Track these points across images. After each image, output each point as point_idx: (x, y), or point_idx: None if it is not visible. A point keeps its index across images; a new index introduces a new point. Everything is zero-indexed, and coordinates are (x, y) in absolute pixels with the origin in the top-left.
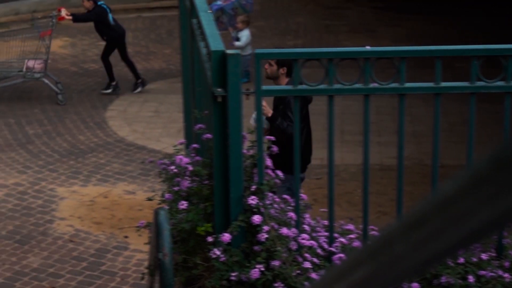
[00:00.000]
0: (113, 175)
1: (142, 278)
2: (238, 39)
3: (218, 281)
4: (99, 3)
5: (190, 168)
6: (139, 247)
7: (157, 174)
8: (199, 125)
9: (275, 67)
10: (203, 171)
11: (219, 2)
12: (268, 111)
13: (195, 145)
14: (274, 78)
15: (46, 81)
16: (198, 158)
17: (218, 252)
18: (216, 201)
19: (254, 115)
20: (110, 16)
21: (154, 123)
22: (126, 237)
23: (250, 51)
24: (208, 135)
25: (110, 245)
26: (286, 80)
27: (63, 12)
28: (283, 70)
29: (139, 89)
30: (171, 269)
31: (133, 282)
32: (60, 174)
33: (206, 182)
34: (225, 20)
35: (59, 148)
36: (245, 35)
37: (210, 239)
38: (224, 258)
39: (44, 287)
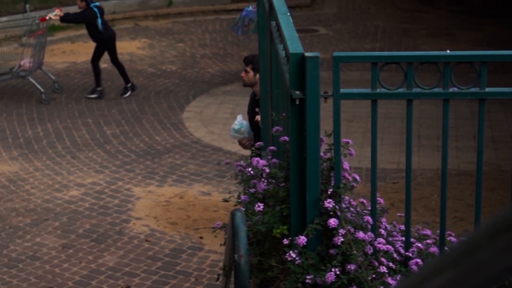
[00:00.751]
0: (189, 176)
1: (217, 279)
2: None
3: (293, 283)
4: (92, 5)
5: (267, 170)
6: (213, 248)
7: (233, 176)
8: (276, 128)
9: (251, 73)
10: (280, 174)
11: (250, 8)
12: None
13: (272, 148)
14: (252, 85)
15: (31, 79)
16: (274, 160)
17: (293, 255)
18: (292, 203)
19: (235, 126)
20: (99, 19)
21: (230, 125)
22: (201, 237)
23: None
24: (285, 138)
25: (185, 245)
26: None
27: (54, 13)
28: (257, 72)
29: (128, 94)
30: (246, 270)
31: (207, 283)
32: (137, 174)
33: (283, 184)
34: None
35: (136, 148)
36: None
37: (285, 241)
38: (299, 261)
39: (119, 286)
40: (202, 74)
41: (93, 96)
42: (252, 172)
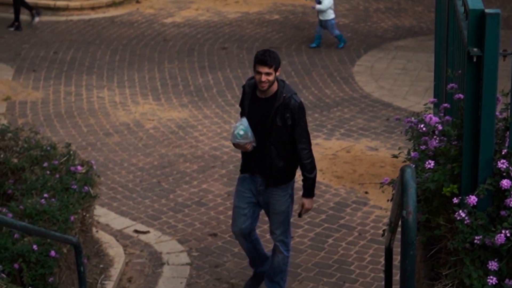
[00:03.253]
0: (356, 130)
1: (382, 235)
2: (319, 2)
3: (461, 243)
4: None
5: (440, 127)
6: (378, 204)
7: (403, 132)
8: (451, 85)
9: (273, 74)
10: (453, 132)
11: None
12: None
13: (445, 105)
14: (272, 85)
15: None
16: (448, 118)
17: (463, 214)
18: (464, 162)
19: (239, 131)
20: None
21: (401, 81)
22: (366, 192)
23: (332, 15)
24: (460, 95)
25: (350, 199)
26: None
27: None
28: (278, 72)
29: (36, 19)
30: (414, 227)
31: (370, 238)
32: None
33: (455, 142)
34: None
35: (305, 101)
36: None
37: (455, 200)
38: (468, 221)
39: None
40: (375, 28)
41: (11, 29)
42: (424, 128)
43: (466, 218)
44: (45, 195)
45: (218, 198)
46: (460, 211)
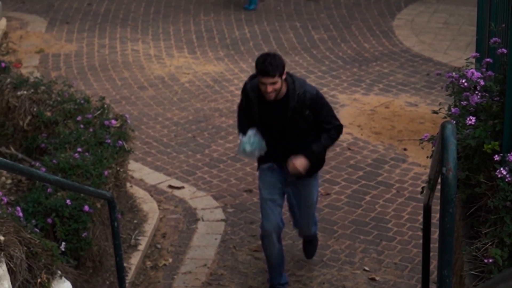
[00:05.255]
0: (396, 85)
1: (421, 192)
2: None
3: (502, 201)
4: None
5: (482, 83)
6: (417, 161)
7: (443, 88)
8: (494, 39)
9: (279, 81)
10: (495, 87)
11: None
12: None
13: (487, 60)
14: (280, 91)
15: None
16: (490, 73)
17: (504, 172)
18: (506, 119)
19: (246, 146)
20: None
21: (442, 35)
22: (405, 149)
23: None
24: (503, 50)
25: (388, 156)
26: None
27: None
28: (284, 75)
29: None
30: (454, 184)
31: (408, 195)
32: (343, 81)
33: (497, 98)
34: None
35: (343, 55)
36: None
37: (496, 157)
38: (509, 179)
39: (319, 193)
40: None
41: None
42: (465, 84)
43: (507, 175)
44: (79, 149)
45: None
46: (501, 169)
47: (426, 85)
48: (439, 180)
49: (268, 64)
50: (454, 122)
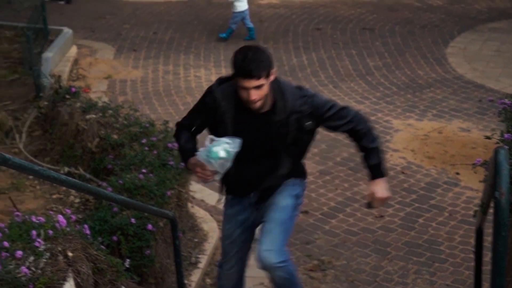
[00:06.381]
0: (448, 111)
1: (474, 215)
2: None
3: None
4: None
5: None
6: (469, 185)
7: (496, 114)
8: None
9: (265, 85)
10: None
11: None
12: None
13: None
14: (267, 97)
15: None
16: None
17: None
18: None
19: (220, 152)
20: None
21: (494, 62)
22: (457, 173)
23: (246, 6)
24: None
25: (441, 180)
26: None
27: None
28: (272, 76)
29: (62, 2)
30: (507, 208)
31: (461, 219)
32: (397, 107)
33: None
34: None
35: (397, 81)
36: None
37: None
38: None
39: (373, 215)
40: (469, 10)
41: (61, 2)
42: None
43: None
44: (143, 170)
45: (310, 177)
46: None
47: (478, 111)
48: (492, 204)
49: (251, 62)
50: (507, 147)
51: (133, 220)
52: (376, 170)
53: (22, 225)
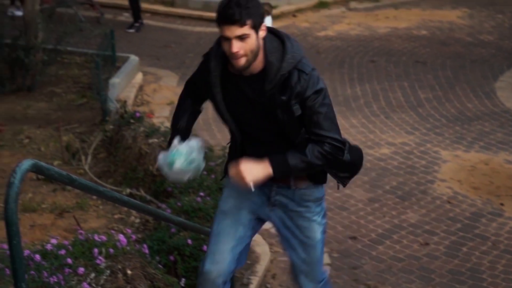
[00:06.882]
0: (495, 143)
1: None
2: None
3: None
4: None
5: None
6: None
7: None
8: None
9: (251, 36)
10: None
11: None
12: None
13: None
14: (256, 57)
15: None
16: None
17: None
18: None
19: (177, 159)
20: None
21: None
22: (502, 204)
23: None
24: None
25: (486, 210)
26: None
27: None
28: (262, 30)
29: (132, 30)
30: None
31: (504, 248)
32: (445, 138)
33: None
34: None
35: (446, 113)
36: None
37: None
38: None
39: (419, 242)
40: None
41: (131, 30)
42: None
43: None
44: (201, 193)
45: (360, 203)
46: None
47: None
48: None
49: (234, 5)
50: None
51: (189, 241)
52: (279, 160)
53: (85, 243)
